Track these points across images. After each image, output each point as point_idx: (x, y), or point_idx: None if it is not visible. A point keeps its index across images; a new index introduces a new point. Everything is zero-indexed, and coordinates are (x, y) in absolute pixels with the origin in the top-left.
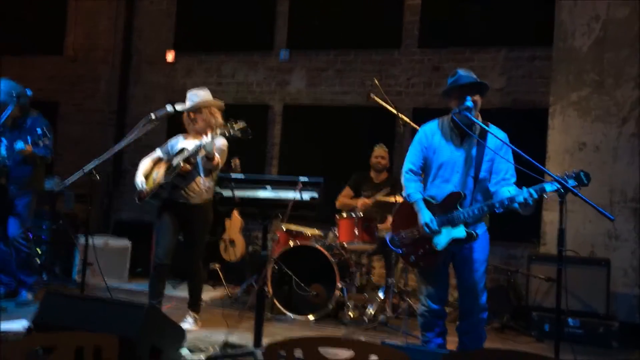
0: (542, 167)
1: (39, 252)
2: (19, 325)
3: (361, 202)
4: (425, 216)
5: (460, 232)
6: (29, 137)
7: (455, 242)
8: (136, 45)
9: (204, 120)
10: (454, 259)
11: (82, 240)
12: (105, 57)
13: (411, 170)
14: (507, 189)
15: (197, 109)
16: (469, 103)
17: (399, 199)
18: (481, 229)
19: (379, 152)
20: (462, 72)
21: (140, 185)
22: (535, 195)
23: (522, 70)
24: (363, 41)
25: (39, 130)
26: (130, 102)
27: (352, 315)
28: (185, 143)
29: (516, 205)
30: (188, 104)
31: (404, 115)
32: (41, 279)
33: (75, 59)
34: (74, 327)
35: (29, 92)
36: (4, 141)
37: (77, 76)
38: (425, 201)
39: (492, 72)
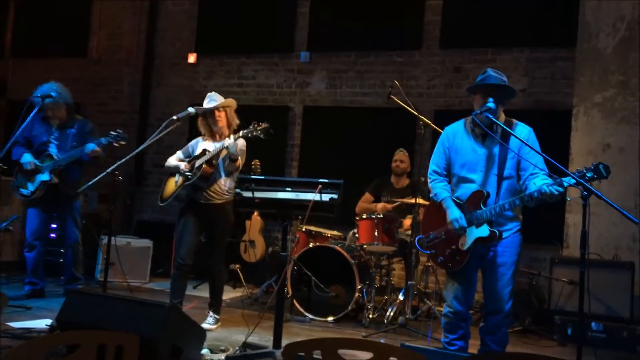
0: (563, 168)
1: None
2: (42, 323)
3: (381, 206)
4: (454, 213)
5: (483, 231)
6: (101, 139)
7: (480, 241)
8: (158, 48)
9: (225, 120)
10: (481, 263)
11: (104, 240)
12: (128, 59)
13: (435, 172)
14: (533, 182)
15: (220, 109)
16: (491, 104)
17: (420, 201)
18: (510, 230)
19: (398, 156)
20: (492, 72)
21: (182, 166)
22: (554, 191)
23: (545, 71)
24: (383, 42)
25: (102, 139)
26: (152, 103)
27: (371, 317)
28: (205, 145)
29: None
30: (212, 104)
31: (424, 117)
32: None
33: (99, 61)
34: (97, 326)
35: (54, 94)
36: (54, 142)
37: (100, 78)
38: (452, 201)
39: (515, 73)
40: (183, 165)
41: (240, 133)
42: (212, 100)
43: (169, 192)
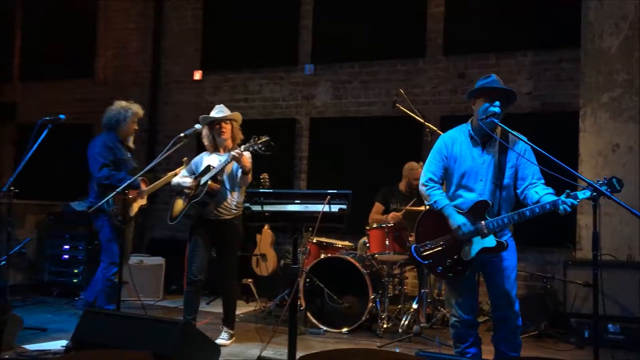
0: (574, 172)
1: (76, 272)
2: (57, 345)
3: (392, 215)
4: (457, 219)
5: (490, 241)
6: None
7: (485, 251)
8: (164, 66)
9: (230, 133)
10: (483, 269)
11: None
12: (134, 79)
13: (432, 180)
14: (534, 191)
15: (227, 121)
16: (497, 109)
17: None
18: (506, 235)
19: (417, 173)
20: (496, 77)
21: (186, 182)
22: (569, 205)
23: (550, 73)
24: (387, 52)
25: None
26: (160, 121)
27: (385, 327)
28: (209, 160)
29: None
30: (219, 115)
31: (431, 124)
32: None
33: (106, 82)
34: (112, 345)
35: (62, 117)
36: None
37: (108, 98)
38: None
39: (519, 76)
40: (188, 182)
41: (241, 148)
42: (220, 111)
43: (178, 211)
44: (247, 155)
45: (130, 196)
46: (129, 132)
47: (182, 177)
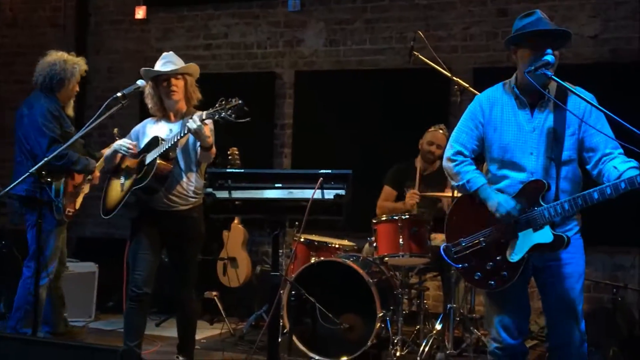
0: None
1: None
2: None
3: (409, 196)
4: (497, 197)
5: (545, 235)
6: None
7: (537, 249)
8: (94, 1)
9: (183, 92)
10: (537, 276)
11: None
12: (53, 18)
13: (461, 153)
14: (612, 165)
15: (177, 76)
16: (549, 57)
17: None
18: (571, 231)
19: (434, 137)
20: (541, 14)
21: (122, 145)
22: None
23: (623, 10)
24: None
25: None
26: (90, 76)
27: (399, 355)
28: (156, 129)
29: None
30: (167, 66)
31: (460, 79)
32: None
33: (15, 23)
34: None
35: None
36: None
37: (17, 45)
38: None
39: (582, 13)
40: (126, 144)
41: (203, 114)
42: (168, 62)
43: (115, 200)
44: (209, 124)
45: (80, 183)
46: (72, 96)
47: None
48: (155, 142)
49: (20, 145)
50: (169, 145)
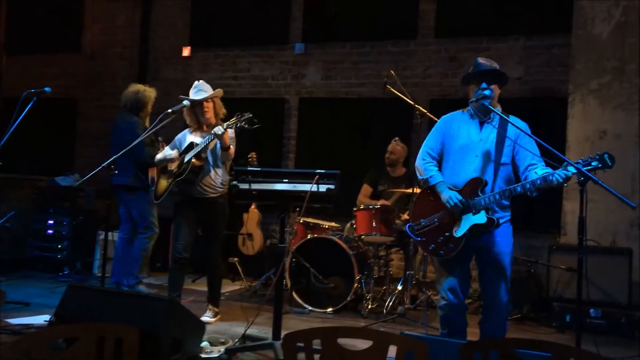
0: (562, 156)
1: (60, 247)
2: (40, 319)
3: (381, 203)
4: (448, 192)
5: (481, 217)
6: None
7: (475, 228)
8: (153, 41)
9: (213, 111)
10: (477, 253)
11: (102, 235)
12: (122, 53)
13: (429, 154)
14: (533, 172)
15: (208, 100)
16: (486, 91)
17: (418, 190)
18: (503, 218)
19: (390, 148)
20: (482, 60)
21: (171, 154)
22: (562, 177)
23: (541, 58)
24: (378, 33)
25: None
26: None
27: (370, 307)
28: (192, 137)
29: (551, 180)
30: (200, 95)
31: (421, 106)
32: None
33: (93, 56)
34: (95, 320)
35: (47, 90)
36: None
37: (95, 73)
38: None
39: (510, 60)
40: (172, 154)
41: (224, 125)
42: (200, 90)
43: (162, 189)
44: (229, 132)
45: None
46: (148, 114)
47: (165, 152)
48: (190, 146)
49: (119, 148)
50: (201, 147)
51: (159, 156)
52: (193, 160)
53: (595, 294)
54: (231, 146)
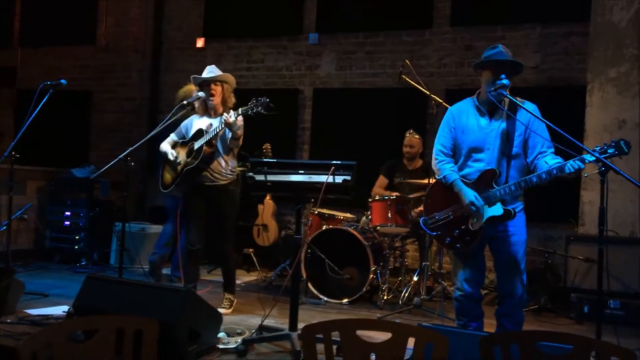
0: (579, 144)
1: (77, 238)
2: (59, 310)
3: (396, 194)
4: (469, 194)
5: (497, 209)
6: None
7: (492, 220)
8: (166, 33)
9: (220, 96)
10: (491, 242)
11: (118, 227)
12: (136, 45)
13: (442, 152)
14: (543, 161)
15: (216, 82)
16: (505, 81)
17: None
18: (518, 208)
19: (407, 141)
20: (503, 48)
21: (171, 156)
22: (576, 167)
23: (558, 47)
24: (393, 22)
25: None
26: (162, 89)
27: (386, 298)
28: (200, 123)
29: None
30: (210, 76)
31: (436, 96)
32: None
33: (107, 48)
34: (113, 311)
35: (63, 82)
36: None
37: (109, 65)
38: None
39: (527, 49)
40: (170, 154)
41: (240, 110)
42: (210, 72)
43: (170, 179)
44: (240, 120)
45: None
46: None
47: (167, 144)
48: (199, 133)
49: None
50: (212, 135)
51: (162, 147)
52: (204, 147)
53: (614, 284)
54: (238, 131)
